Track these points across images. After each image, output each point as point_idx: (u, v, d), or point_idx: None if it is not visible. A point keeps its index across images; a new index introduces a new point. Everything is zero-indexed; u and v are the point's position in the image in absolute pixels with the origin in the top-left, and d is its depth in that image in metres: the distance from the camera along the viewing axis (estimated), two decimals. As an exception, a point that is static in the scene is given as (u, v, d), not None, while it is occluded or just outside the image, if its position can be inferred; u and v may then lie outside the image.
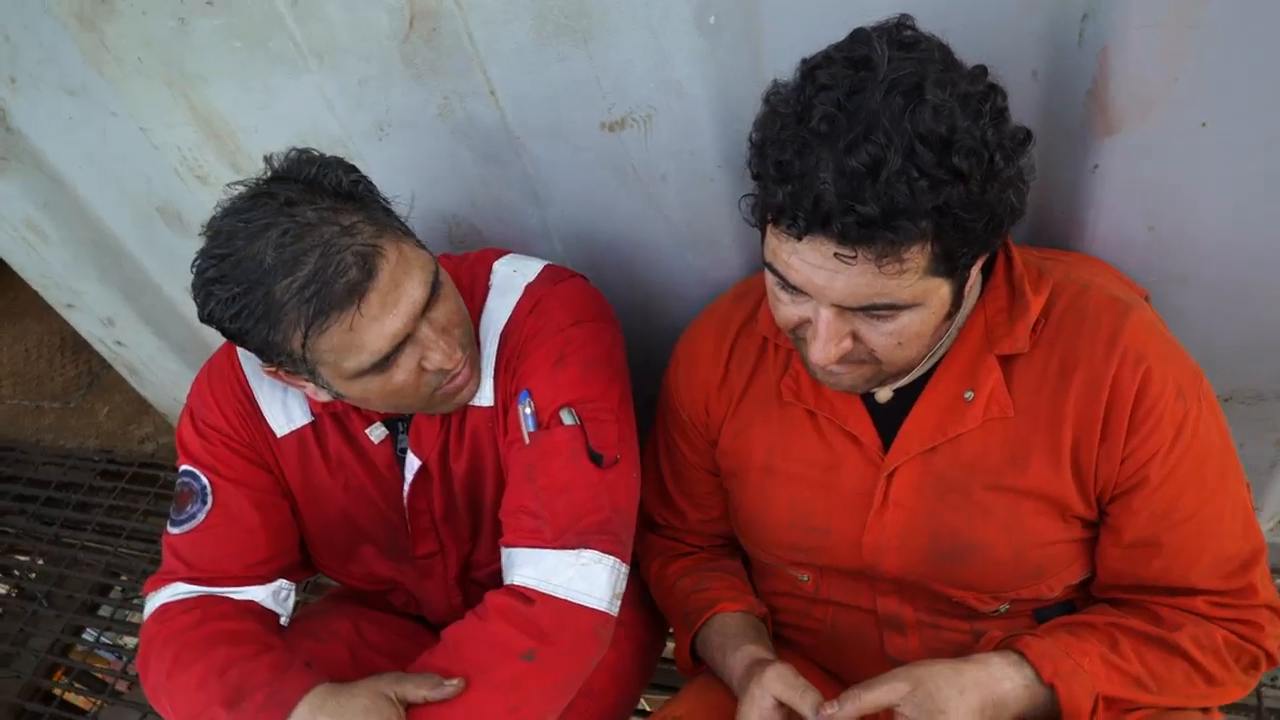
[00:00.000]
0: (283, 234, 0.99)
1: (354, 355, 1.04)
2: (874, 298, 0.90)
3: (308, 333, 1.01)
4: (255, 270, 0.99)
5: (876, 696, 1.00)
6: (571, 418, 1.17)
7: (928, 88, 0.83)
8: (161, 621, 1.20)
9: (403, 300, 1.04)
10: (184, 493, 1.26)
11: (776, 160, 0.87)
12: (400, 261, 1.04)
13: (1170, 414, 0.99)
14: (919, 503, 1.11)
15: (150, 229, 1.81)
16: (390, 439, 1.28)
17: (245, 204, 1.03)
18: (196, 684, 1.11)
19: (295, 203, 1.01)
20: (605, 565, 1.14)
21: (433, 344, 1.09)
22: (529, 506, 1.15)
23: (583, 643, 1.13)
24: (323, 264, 0.98)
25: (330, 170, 1.05)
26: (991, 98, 0.87)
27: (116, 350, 2.30)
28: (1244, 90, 1.00)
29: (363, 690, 1.07)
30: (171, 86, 1.44)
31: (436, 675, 1.09)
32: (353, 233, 1.01)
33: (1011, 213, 0.91)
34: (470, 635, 1.12)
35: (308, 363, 1.05)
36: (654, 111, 1.22)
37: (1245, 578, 1.04)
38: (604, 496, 1.16)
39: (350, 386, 1.09)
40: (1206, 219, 1.14)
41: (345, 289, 1.00)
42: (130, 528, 2.54)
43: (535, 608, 1.11)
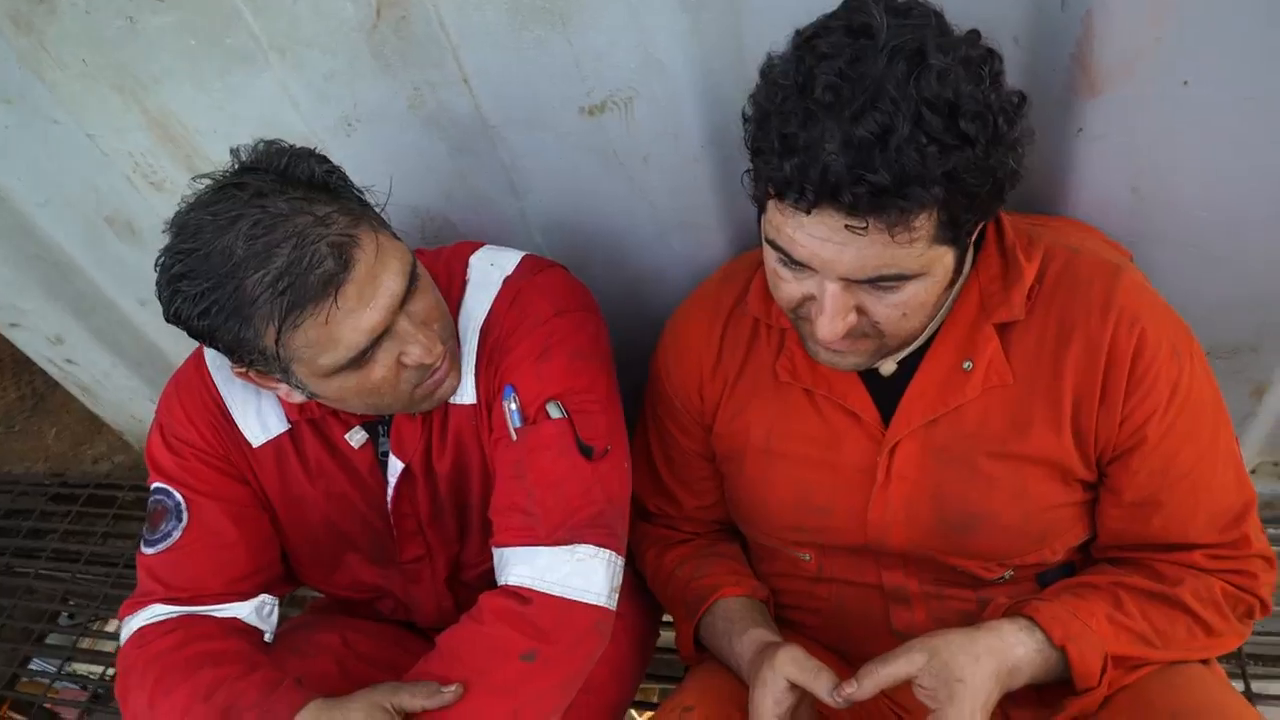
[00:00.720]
0: (253, 225, 0.95)
1: (330, 351, 1.00)
2: (883, 268, 0.89)
3: (281, 328, 0.97)
4: (224, 264, 0.95)
5: (894, 670, 1.00)
6: (559, 411, 1.14)
7: (930, 53, 0.82)
8: (140, 645, 1.15)
9: (380, 292, 1.01)
10: (157, 511, 1.22)
11: (781, 133, 0.85)
12: (377, 252, 1.01)
13: (1166, 373, 1.01)
14: (923, 475, 1.11)
15: (99, 241, 1.75)
16: (371, 443, 1.25)
17: (212, 196, 0.99)
18: (182, 709, 1.07)
19: (266, 194, 0.97)
20: (601, 559, 1.12)
21: (412, 338, 1.05)
22: (520, 504, 1.13)
23: (583, 640, 1.11)
24: (296, 256, 0.95)
25: (302, 160, 1.01)
26: (991, 61, 0.87)
27: (66, 369, 2.22)
28: (1224, 49, 1.02)
29: (358, 703, 1.04)
30: (121, 89, 1.38)
31: (434, 683, 1.06)
32: (327, 223, 0.97)
33: (1012, 177, 0.91)
34: (467, 639, 1.10)
35: (281, 361, 1.02)
36: (635, 93, 1.20)
37: (1239, 529, 1.07)
38: (596, 489, 1.14)
39: (326, 385, 1.06)
40: (1186, 178, 1.16)
41: (320, 281, 0.96)
42: (89, 552, 2.44)
43: (532, 607, 1.09)
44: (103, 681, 2.17)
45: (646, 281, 1.50)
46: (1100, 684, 1.02)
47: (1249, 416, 1.52)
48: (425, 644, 1.44)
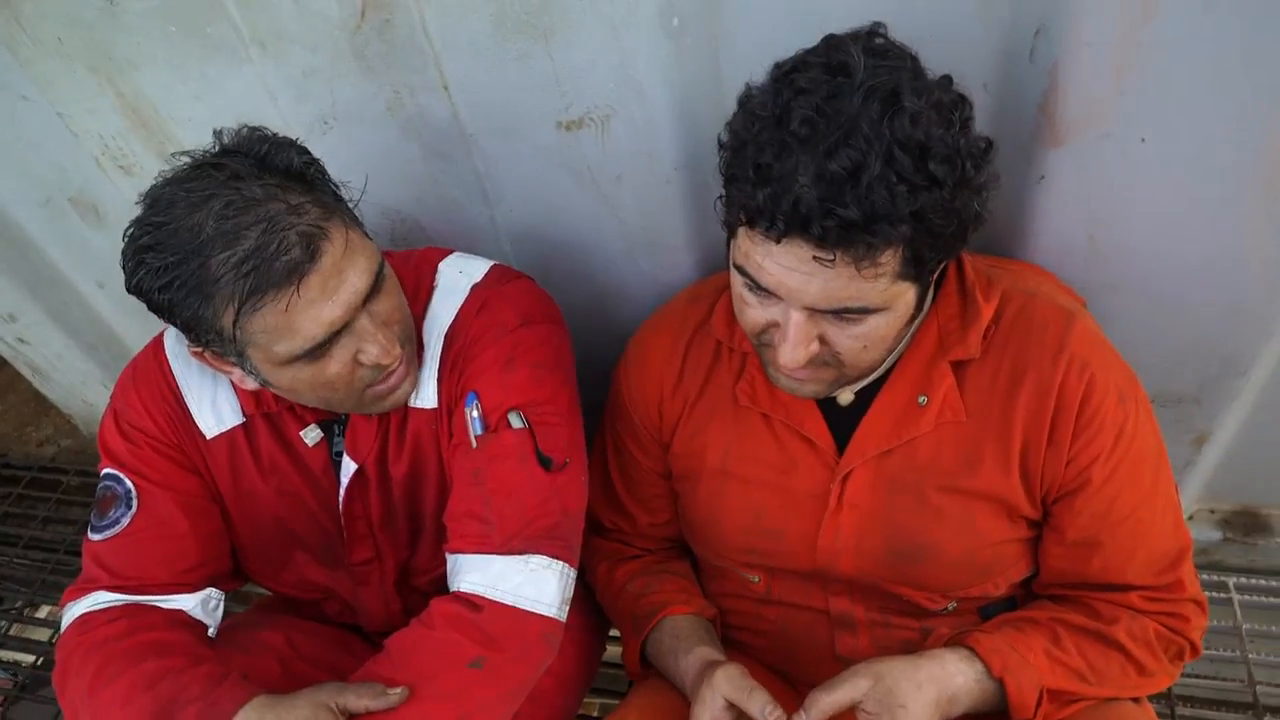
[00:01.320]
0: (225, 205, 0.95)
1: (286, 339, 1.00)
2: (847, 300, 0.91)
3: (241, 310, 0.97)
4: (192, 240, 0.95)
5: (839, 696, 1.01)
6: (520, 421, 1.15)
7: (904, 95, 0.84)
8: (83, 632, 1.13)
9: (344, 287, 1.01)
10: (106, 497, 1.20)
11: (755, 162, 0.87)
12: (346, 248, 1.01)
13: (1112, 418, 1.04)
14: (874, 505, 1.13)
15: (61, 221, 1.71)
16: (325, 442, 1.24)
17: (189, 173, 0.99)
18: (123, 699, 1.05)
19: (242, 176, 0.97)
20: (554, 571, 1.13)
21: (371, 337, 1.05)
22: (476, 511, 1.13)
23: (532, 649, 1.11)
24: (265, 240, 0.95)
25: (282, 149, 1.02)
26: (961, 106, 0.90)
27: (17, 348, 2.17)
28: (1181, 109, 1.05)
29: (303, 701, 1.03)
30: (96, 70, 1.36)
31: (380, 685, 1.05)
32: (299, 212, 0.98)
33: (976, 219, 0.94)
34: (416, 644, 1.09)
35: (237, 344, 1.01)
36: (613, 112, 1.21)
37: (1175, 573, 1.10)
38: (553, 501, 1.14)
39: (280, 374, 1.05)
40: (1141, 231, 1.20)
41: (285, 268, 0.96)
42: (29, 536, 2.39)
43: (483, 615, 1.08)
44: (33, 670, 2.11)
45: (611, 297, 1.50)
46: (1035, 716, 1.05)
47: (1189, 464, 1.56)
48: (370, 648, 1.43)
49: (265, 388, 1.11)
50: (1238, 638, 1.67)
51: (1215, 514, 1.72)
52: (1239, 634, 1.67)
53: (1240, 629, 1.68)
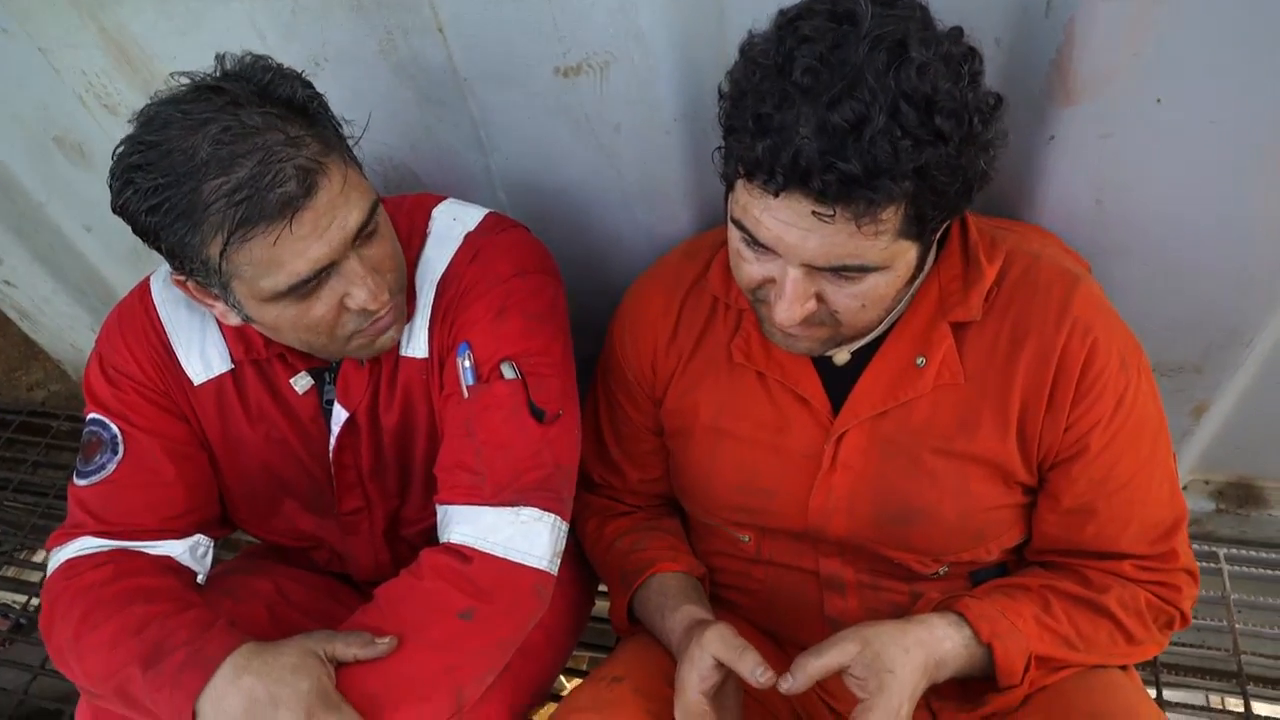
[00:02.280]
0: (222, 130, 0.92)
1: (272, 274, 0.98)
2: (846, 258, 0.89)
3: (229, 240, 0.94)
4: (185, 164, 0.92)
5: (827, 661, 1.01)
6: (513, 371, 1.13)
7: (912, 45, 0.81)
8: (69, 577, 1.12)
9: (334, 226, 0.98)
10: (92, 442, 1.18)
11: (755, 113, 0.84)
12: (342, 186, 0.99)
13: (1113, 385, 1.02)
14: (867, 466, 1.11)
15: (46, 161, 1.68)
16: (315, 390, 1.23)
17: (187, 94, 0.96)
18: (109, 643, 1.05)
19: (242, 104, 0.94)
20: (545, 523, 1.12)
21: (359, 280, 1.03)
22: (467, 462, 1.12)
23: (522, 602, 1.11)
24: (260, 170, 0.92)
25: (285, 80, 0.98)
26: (971, 60, 0.87)
27: (5, 291, 2.14)
28: (1198, 69, 1.02)
29: (291, 648, 1.02)
30: (78, 4, 1.32)
31: (368, 633, 1.05)
32: (298, 145, 0.95)
33: (982, 177, 0.91)
34: (405, 594, 1.09)
35: (222, 275, 0.99)
36: (612, 59, 1.17)
37: (1169, 543, 1.09)
38: (545, 453, 1.13)
39: (263, 311, 1.03)
40: (1150, 195, 1.17)
41: (278, 201, 0.93)
42: (18, 480, 2.39)
43: (473, 566, 1.08)
44: (25, 611, 2.13)
45: (606, 250, 1.48)
46: (1022, 682, 1.05)
47: (1187, 434, 1.55)
48: (359, 597, 1.43)
49: (248, 324, 1.09)
50: (1225, 607, 1.67)
51: (1210, 485, 1.71)
52: (1227, 604, 1.68)
53: (1229, 599, 1.68)
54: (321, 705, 0.98)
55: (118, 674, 1.03)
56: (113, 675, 1.04)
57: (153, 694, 1.01)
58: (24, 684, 1.94)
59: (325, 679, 1.00)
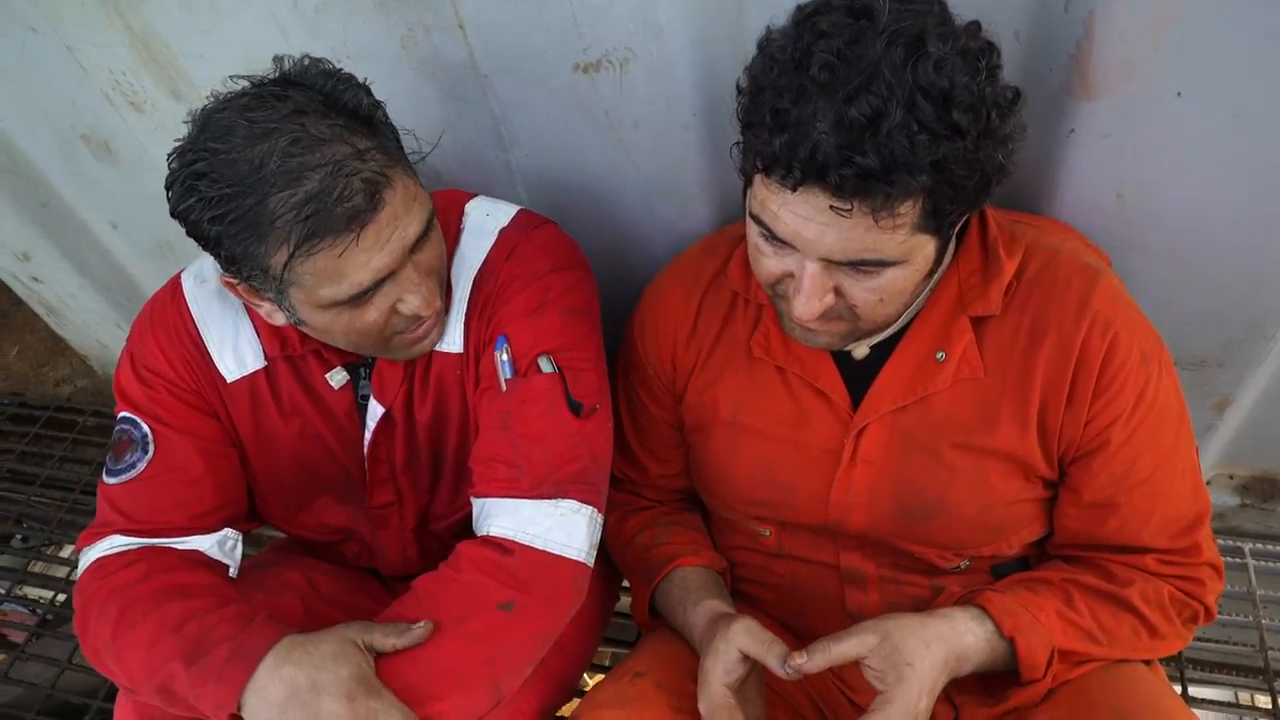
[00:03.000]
0: (292, 142, 0.93)
1: (334, 284, 0.99)
2: (863, 252, 0.89)
3: (295, 252, 0.95)
4: (252, 174, 0.93)
5: (845, 649, 1.01)
6: (550, 365, 1.14)
7: (929, 40, 0.81)
8: (101, 577, 1.13)
9: (396, 237, 1.00)
10: (122, 441, 1.19)
11: (773, 108, 0.84)
12: (405, 197, 1.00)
13: (1134, 379, 1.02)
14: (887, 461, 1.11)
15: (74, 158, 1.70)
16: (350, 385, 1.24)
17: (250, 100, 0.96)
18: (149, 641, 1.06)
19: (307, 112, 0.95)
20: (584, 515, 1.12)
21: (414, 287, 1.05)
22: (504, 455, 1.13)
23: (562, 593, 1.11)
24: (329, 184, 0.93)
25: (350, 88, 0.99)
26: (989, 54, 0.86)
27: (32, 287, 2.17)
28: (1220, 64, 1.02)
29: (330, 638, 1.03)
30: (105, 3, 1.34)
31: (404, 623, 1.06)
32: (365, 158, 0.96)
33: (1000, 172, 0.91)
34: (444, 585, 1.09)
35: (281, 283, 1.00)
36: (631, 55, 1.18)
37: (1192, 537, 1.08)
38: (582, 446, 1.14)
39: (317, 316, 1.05)
40: (1172, 189, 1.16)
41: (346, 215, 0.95)
42: (45, 475, 2.41)
43: (513, 558, 1.08)
44: (52, 606, 2.15)
45: (626, 245, 1.48)
46: (1045, 677, 1.05)
47: (1210, 429, 1.54)
48: (387, 591, 1.45)
49: (296, 325, 1.10)
50: (1251, 603, 1.66)
51: (1234, 479, 1.70)
52: (1253, 599, 1.66)
53: (1254, 594, 1.67)
54: (363, 690, 0.99)
55: (160, 671, 1.04)
56: (155, 673, 1.05)
57: (197, 689, 1.02)
58: (52, 678, 1.96)
59: (365, 665, 1.02)
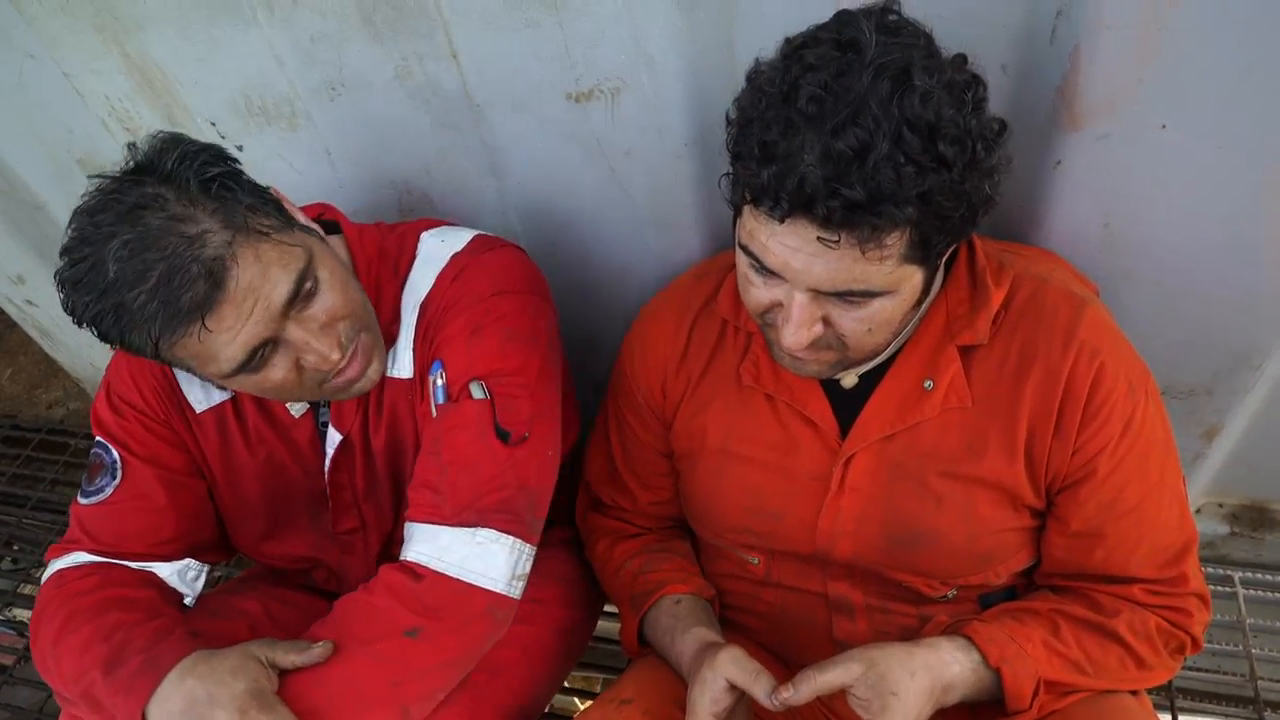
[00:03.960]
0: (123, 245, 0.93)
1: (211, 364, 1.01)
2: (851, 283, 0.90)
3: (158, 344, 0.97)
4: (103, 280, 0.95)
5: (831, 678, 1.01)
6: (481, 391, 1.14)
7: (915, 73, 0.82)
8: (59, 586, 1.17)
9: (258, 307, 0.99)
10: (95, 464, 1.23)
11: (761, 140, 0.85)
12: (257, 267, 0.99)
13: (1120, 409, 1.02)
14: (875, 489, 1.12)
15: (70, 183, 1.70)
16: (311, 414, 1.25)
17: (98, 201, 0.97)
18: (81, 647, 1.09)
19: (144, 205, 0.95)
20: (503, 545, 1.12)
21: (306, 346, 1.04)
22: (431, 481, 1.13)
23: (473, 623, 1.11)
24: (166, 277, 0.93)
25: (187, 164, 0.98)
26: (974, 87, 0.88)
27: (26, 310, 2.17)
28: (1203, 96, 1.03)
29: (232, 653, 1.05)
30: (102, 30, 1.35)
31: (307, 641, 1.07)
32: (200, 243, 0.95)
33: (986, 202, 0.92)
34: (354, 608, 1.10)
35: (179, 363, 1.03)
36: (623, 85, 1.19)
37: (1179, 567, 1.08)
38: (509, 474, 1.13)
39: (230, 383, 1.07)
40: (1158, 219, 1.17)
41: (191, 303, 0.95)
42: (36, 497, 2.41)
43: (423, 585, 1.09)
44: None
45: (617, 275, 1.49)
46: (1031, 707, 1.04)
47: (1198, 457, 1.54)
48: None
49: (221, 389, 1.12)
50: (1241, 632, 1.66)
51: (1223, 508, 1.70)
52: (1242, 628, 1.66)
53: (1244, 623, 1.67)
54: (256, 705, 1.00)
55: (84, 677, 1.08)
56: (81, 678, 1.08)
57: (112, 698, 1.05)
58: (39, 702, 1.95)
59: (263, 681, 1.03)
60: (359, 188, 1.48)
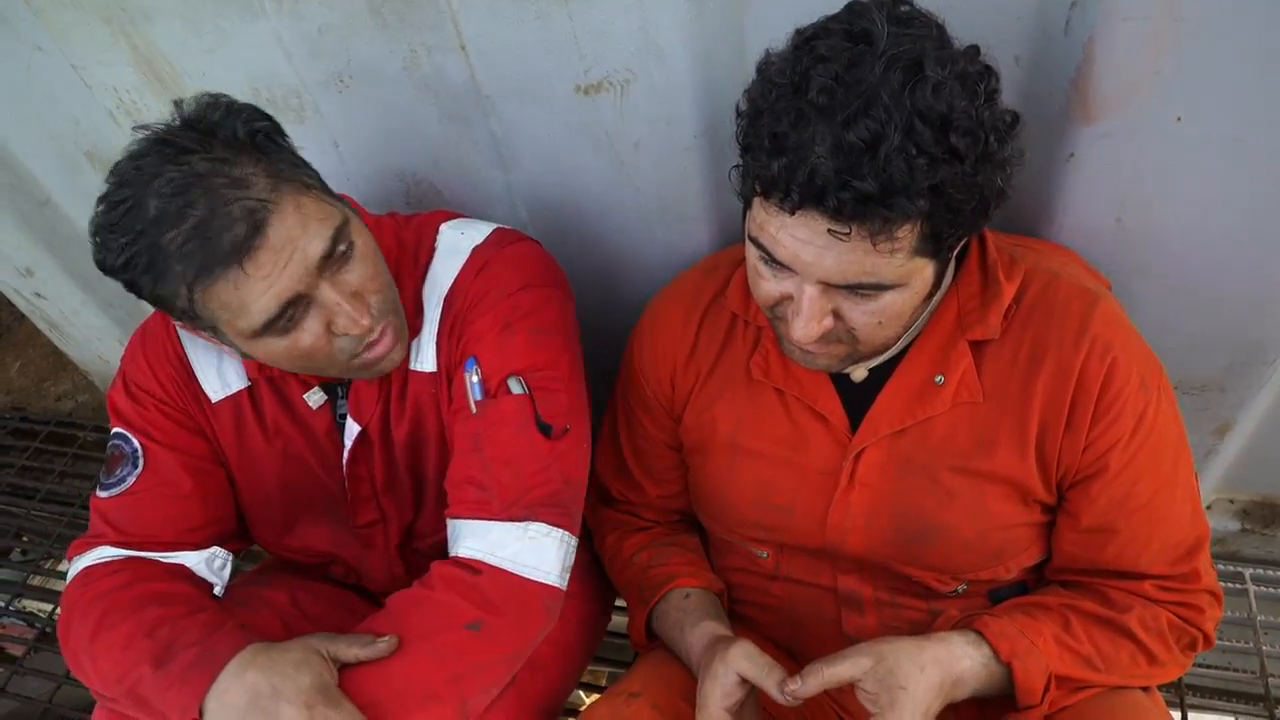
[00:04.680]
0: (168, 182, 0.94)
1: (243, 315, 0.99)
2: (861, 276, 0.89)
3: (193, 288, 0.96)
4: (142, 220, 0.94)
5: (839, 671, 1.00)
6: (520, 387, 1.14)
7: (928, 64, 0.82)
8: (86, 584, 1.15)
9: (295, 259, 0.98)
10: (114, 456, 1.22)
11: (771, 131, 0.85)
12: (297, 217, 0.99)
13: (1132, 404, 1.02)
14: (885, 484, 1.11)
15: (78, 175, 1.71)
16: (329, 404, 1.24)
17: (143, 148, 0.98)
18: (123, 644, 1.07)
19: (189, 151, 0.96)
20: (554, 538, 1.12)
21: (337, 308, 1.03)
22: (475, 477, 1.13)
23: (531, 616, 1.11)
24: (207, 217, 0.93)
25: (231, 117, 0.99)
26: (987, 78, 0.87)
27: (35, 303, 2.18)
28: (1219, 88, 1.02)
29: (295, 646, 1.04)
30: (110, 22, 1.35)
31: (370, 635, 1.06)
32: (243, 185, 0.96)
33: (999, 195, 0.91)
34: (415, 602, 1.10)
35: (203, 320, 1.01)
36: (632, 76, 1.18)
37: (1191, 563, 1.08)
38: (553, 468, 1.14)
39: (253, 346, 1.05)
40: (1171, 213, 1.16)
41: (230, 245, 0.94)
42: (45, 490, 2.42)
43: (483, 579, 1.09)
44: (51, 620, 2.15)
45: (626, 267, 1.48)
46: (1042, 702, 1.04)
47: (1211, 453, 1.53)
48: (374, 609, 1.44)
49: (245, 359, 1.11)
50: (1252, 629, 1.65)
51: (1234, 504, 1.69)
52: (1253, 625, 1.65)
53: (1255, 620, 1.66)
54: (322, 699, 0.99)
55: (130, 674, 1.05)
56: (125, 675, 1.06)
57: (162, 693, 1.03)
58: (49, 693, 1.96)
59: (327, 675, 1.02)
60: (367, 179, 1.47)
